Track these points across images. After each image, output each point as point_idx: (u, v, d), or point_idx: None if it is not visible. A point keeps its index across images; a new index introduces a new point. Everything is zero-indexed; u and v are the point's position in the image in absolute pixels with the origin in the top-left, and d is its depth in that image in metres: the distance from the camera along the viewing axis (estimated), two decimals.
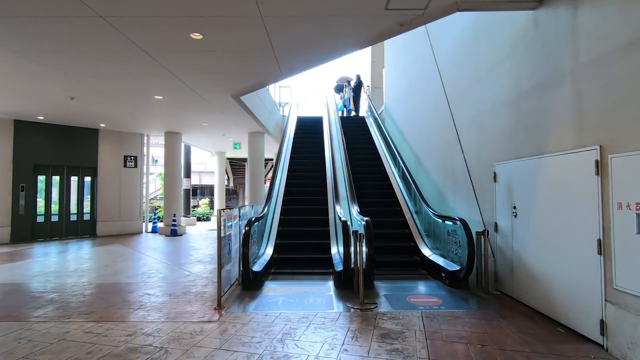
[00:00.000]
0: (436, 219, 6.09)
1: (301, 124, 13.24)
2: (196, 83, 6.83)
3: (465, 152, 5.95)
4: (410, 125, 9.60)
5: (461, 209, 6.14)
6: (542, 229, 3.96)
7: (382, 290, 4.93)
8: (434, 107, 7.54)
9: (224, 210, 4.38)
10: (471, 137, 5.75)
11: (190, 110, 9.13)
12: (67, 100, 7.97)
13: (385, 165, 9.71)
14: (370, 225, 4.89)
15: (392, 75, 11.92)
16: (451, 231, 5.43)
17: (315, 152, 10.91)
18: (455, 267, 5.11)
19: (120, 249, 8.88)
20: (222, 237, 4.30)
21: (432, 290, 4.99)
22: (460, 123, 6.23)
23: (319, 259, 6.34)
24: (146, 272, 6.26)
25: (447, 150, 6.78)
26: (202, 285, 5.32)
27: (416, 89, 8.92)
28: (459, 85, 6.26)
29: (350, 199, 6.71)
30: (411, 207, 7.73)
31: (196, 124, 11.06)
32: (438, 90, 7.21)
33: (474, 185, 5.64)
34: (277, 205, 7.85)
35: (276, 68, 5.96)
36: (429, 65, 7.80)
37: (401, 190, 8.39)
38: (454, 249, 5.34)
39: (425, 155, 8.22)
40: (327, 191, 8.60)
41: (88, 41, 4.88)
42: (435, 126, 7.45)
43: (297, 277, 5.70)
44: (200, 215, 20.00)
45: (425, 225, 6.92)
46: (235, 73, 6.26)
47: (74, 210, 11.39)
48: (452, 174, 6.58)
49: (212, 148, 17.84)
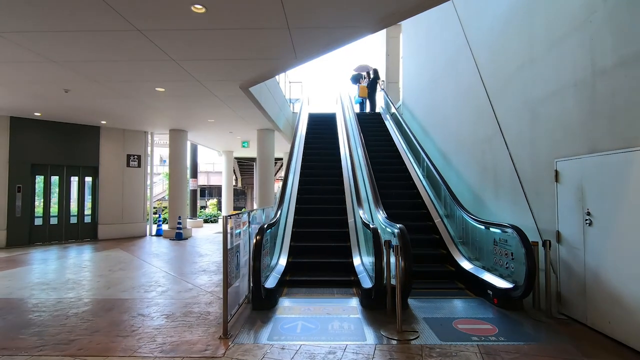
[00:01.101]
0: (476, 225, 5.24)
1: (313, 121, 12.46)
2: (200, 71, 6.09)
3: (512, 148, 5.09)
4: (434, 120, 8.74)
5: (505, 213, 5.29)
6: (633, 241, 3.10)
7: (419, 311, 4.11)
8: (467, 97, 6.68)
9: (231, 216, 3.61)
10: (520, 128, 4.89)
11: (195, 104, 8.41)
12: (61, 93, 7.30)
13: (407, 165, 8.87)
14: (405, 234, 4.07)
15: (412, 67, 11.06)
16: (499, 240, 4.58)
17: (330, 150, 10.12)
18: (507, 284, 4.26)
19: (120, 255, 8.20)
20: (229, 249, 3.53)
21: (479, 311, 4.15)
22: (503, 114, 5.37)
23: (339, 264, 5.59)
24: (144, 285, 5.53)
25: (486, 145, 5.92)
26: (205, 303, 4.56)
27: (442, 79, 8.06)
28: (502, 69, 5.41)
29: (374, 203, 5.90)
30: (440, 210, 6.88)
31: (202, 120, 10.35)
32: (472, 79, 6.36)
33: (523, 186, 4.79)
34: (290, 209, 7.08)
35: (291, 51, 5.18)
36: (460, 52, 6.95)
37: (427, 192, 7.54)
38: (503, 261, 4.49)
39: (454, 153, 7.36)
40: (344, 192, 7.80)
41: (77, 20, 4.16)
42: (469, 119, 6.59)
43: (316, 290, 4.93)
44: (207, 216, 19.36)
45: (458, 231, 6.07)
46: (243, 58, 5.49)
47: (74, 212, 10.77)
48: (492, 173, 5.72)
49: (220, 147, 17.17)
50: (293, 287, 5.09)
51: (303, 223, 6.80)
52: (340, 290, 4.99)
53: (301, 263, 5.65)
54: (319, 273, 5.42)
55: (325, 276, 5.30)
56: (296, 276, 5.31)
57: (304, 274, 5.37)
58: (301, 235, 6.45)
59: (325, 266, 5.62)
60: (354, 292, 4.89)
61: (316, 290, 4.97)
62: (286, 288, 5.06)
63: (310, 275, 5.31)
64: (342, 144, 10.17)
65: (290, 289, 5.01)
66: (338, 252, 5.94)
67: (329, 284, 5.12)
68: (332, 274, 5.38)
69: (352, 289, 5.05)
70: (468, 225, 5.62)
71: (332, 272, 5.46)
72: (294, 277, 5.29)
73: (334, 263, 5.65)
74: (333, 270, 5.54)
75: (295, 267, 5.58)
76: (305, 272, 5.47)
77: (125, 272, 6.42)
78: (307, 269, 5.55)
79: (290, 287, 5.08)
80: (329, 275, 5.32)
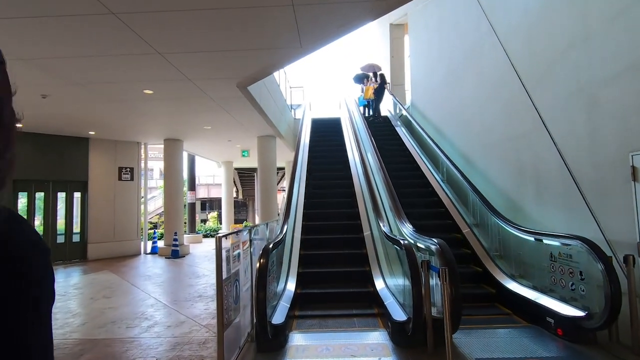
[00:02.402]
0: (521, 236, 4.39)
1: (317, 126, 11.70)
2: (191, 67, 5.34)
3: (561, 143, 4.28)
4: (451, 120, 7.96)
5: (553, 222, 4.45)
6: None
7: (468, 349, 3.24)
8: (494, 91, 5.91)
9: (226, 236, 2.78)
10: (572, 119, 4.09)
11: (188, 108, 7.66)
12: (39, 100, 6.56)
13: (424, 170, 8.05)
14: (448, 251, 3.24)
15: (421, 66, 10.35)
16: (559, 255, 3.73)
17: (337, 156, 9.32)
18: (576, 311, 3.40)
19: (108, 279, 7.34)
20: (225, 280, 2.70)
21: (545, 348, 3.28)
22: (546, 104, 4.58)
23: (358, 294, 4.67)
24: (128, 317, 4.67)
25: (521, 143, 5.12)
26: (199, 343, 3.70)
27: (460, 75, 7.31)
28: (542, 53, 4.64)
29: (396, 214, 5.07)
30: (468, 219, 6.04)
31: (198, 127, 9.59)
32: (500, 69, 5.60)
33: (581, 187, 3.96)
34: (296, 222, 6.23)
35: (295, 37, 4.42)
36: (483, 41, 6.20)
37: (450, 199, 6.70)
38: (566, 281, 3.64)
39: (479, 154, 6.55)
40: (356, 203, 6.95)
41: (38, 2, 3.43)
42: (497, 115, 5.80)
43: (333, 324, 4.05)
44: (207, 231, 18.50)
45: (494, 243, 5.22)
46: (240, 49, 4.74)
47: (61, 230, 9.94)
48: (532, 175, 4.90)
49: (218, 157, 16.41)
50: (305, 318, 4.22)
51: (312, 244, 5.88)
52: (362, 321, 4.12)
53: (312, 294, 4.77)
54: (334, 304, 4.54)
55: (342, 308, 4.40)
56: (307, 309, 4.42)
57: (317, 307, 4.49)
58: (310, 258, 5.55)
59: (341, 296, 4.73)
60: (380, 322, 4.02)
61: (332, 321, 4.11)
62: (296, 319, 4.20)
63: (324, 309, 4.40)
64: (350, 149, 9.38)
65: (302, 321, 4.15)
66: (356, 278, 5.06)
67: (348, 319, 4.25)
68: (350, 304, 4.47)
69: (377, 318, 4.19)
70: (508, 236, 4.77)
71: (350, 302, 4.55)
72: (304, 310, 4.40)
73: (353, 292, 4.76)
74: (352, 300, 4.62)
75: (305, 297, 4.69)
76: (318, 303, 4.59)
77: (110, 300, 5.57)
78: (320, 300, 4.67)
79: (301, 319, 4.22)
80: (346, 307, 4.42)
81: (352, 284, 4.89)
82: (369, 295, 4.54)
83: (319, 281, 4.99)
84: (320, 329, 3.89)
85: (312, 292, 4.72)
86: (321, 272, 5.13)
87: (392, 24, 13.73)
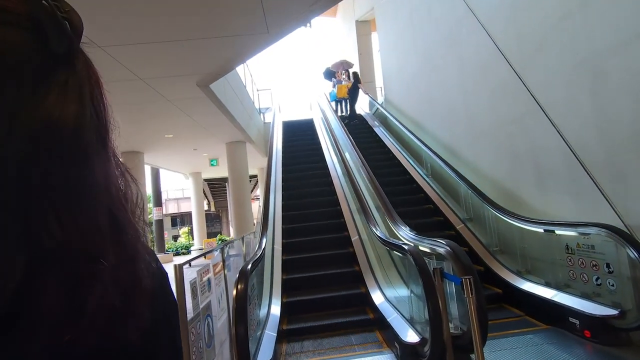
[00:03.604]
0: (529, 228, 3.99)
1: (289, 128, 11.09)
2: (141, 63, 4.60)
3: (561, 123, 3.93)
4: (432, 113, 7.61)
5: (560, 210, 4.08)
6: None
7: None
8: (479, 76, 5.57)
9: (189, 262, 2.12)
10: (573, 96, 3.74)
11: (144, 115, 6.83)
12: None
13: (406, 166, 7.64)
14: (462, 253, 2.73)
15: (393, 60, 10.02)
16: (577, 247, 3.33)
17: (313, 157, 8.76)
18: (606, 309, 2.98)
19: None
20: (192, 320, 2.02)
21: (574, 354, 2.85)
22: (540, 83, 4.24)
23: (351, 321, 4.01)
24: None
25: (514, 128, 4.78)
26: None
27: (439, 64, 6.97)
28: (532, 30, 4.30)
29: (387, 214, 4.56)
30: (460, 214, 5.64)
31: (158, 136, 8.71)
32: (484, 53, 5.26)
33: (589, 170, 3.60)
34: (275, 234, 5.55)
35: (262, 22, 3.82)
36: (461, 25, 5.88)
37: (438, 194, 6.30)
38: (588, 276, 3.23)
39: (466, 145, 6.20)
40: (339, 203, 6.38)
41: None
42: (484, 102, 5.45)
43: (327, 340, 3.46)
44: (178, 248, 17.34)
45: (492, 237, 4.82)
46: (198, 37, 4.07)
47: None
48: (530, 161, 4.54)
49: (185, 169, 15.39)
50: (295, 342, 3.59)
51: (296, 265, 5.22)
52: (359, 337, 3.55)
53: (300, 302, 4.15)
54: (326, 322, 3.93)
55: (339, 334, 3.81)
56: (296, 322, 3.80)
57: (307, 320, 3.88)
58: (293, 264, 4.93)
59: (330, 304, 4.13)
60: (381, 341, 3.46)
61: (327, 340, 3.51)
62: (285, 344, 3.56)
63: (316, 331, 3.78)
64: (326, 149, 8.85)
65: (292, 345, 3.51)
66: (344, 283, 4.49)
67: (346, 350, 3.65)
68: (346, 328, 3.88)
69: (375, 333, 3.64)
70: (510, 229, 4.38)
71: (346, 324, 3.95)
72: (292, 324, 3.78)
73: (343, 299, 4.19)
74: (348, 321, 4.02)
75: (292, 308, 4.06)
76: (307, 314, 3.98)
77: None
78: (309, 310, 4.06)
79: (291, 342, 3.58)
80: (344, 333, 3.83)
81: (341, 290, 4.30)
82: (363, 309, 3.97)
83: (309, 307, 4.29)
84: (316, 350, 3.28)
85: (300, 316, 4.09)
86: (310, 291, 4.50)
87: (357, 21, 13.42)
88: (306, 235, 5.62)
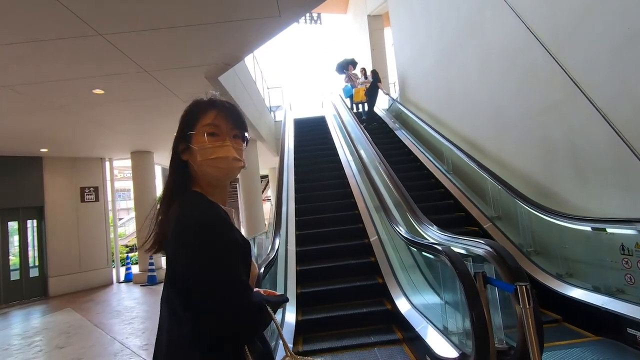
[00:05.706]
0: (572, 226, 3.57)
1: (301, 126, 10.82)
2: (146, 53, 4.34)
3: (607, 109, 3.51)
4: (451, 105, 7.21)
5: (603, 205, 3.66)
6: None
7: None
8: (506, 62, 5.15)
9: None
10: (623, 77, 3.33)
11: (151, 112, 6.61)
12: None
13: (424, 162, 7.26)
14: (507, 254, 2.36)
15: (408, 52, 9.63)
16: (635, 248, 2.92)
17: (327, 154, 8.43)
18: None
19: (67, 320, 6.13)
20: None
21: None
22: (580, 65, 3.82)
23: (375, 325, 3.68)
24: None
25: (549, 117, 4.36)
26: None
27: (459, 52, 6.56)
28: (566, 6, 3.90)
29: (410, 213, 4.19)
30: (487, 211, 5.23)
31: (168, 135, 8.49)
32: (512, 35, 4.85)
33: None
34: (288, 234, 5.22)
35: (274, 4, 3.51)
36: (484, 8, 5.48)
37: (461, 191, 5.89)
38: None
39: (491, 137, 5.78)
40: (356, 206, 5.97)
41: None
42: (514, 90, 5.03)
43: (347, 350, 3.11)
44: None
45: (526, 237, 4.40)
46: (206, 22, 3.78)
47: (15, 266, 8.59)
48: (568, 152, 4.12)
49: None
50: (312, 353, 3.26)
51: (308, 256, 4.87)
52: (384, 351, 3.20)
53: (318, 320, 3.78)
54: (346, 329, 3.59)
55: (357, 336, 3.47)
56: (314, 341, 3.45)
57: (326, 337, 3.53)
58: (309, 274, 4.56)
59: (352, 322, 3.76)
60: (408, 353, 3.10)
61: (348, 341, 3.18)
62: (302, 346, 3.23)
63: (335, 338, 3.45)
64: (340, 146, 8.53)
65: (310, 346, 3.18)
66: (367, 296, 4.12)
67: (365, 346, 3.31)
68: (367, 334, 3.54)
69: (402, 346, 3.28)
70: (548, 227, 3.95)
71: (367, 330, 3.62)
72: (311, 344, 3.43)
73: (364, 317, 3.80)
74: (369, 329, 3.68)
75: (309, 326, 3.70)
76: (326, 331, 3.63)
77: (62, 352, 4.42)
78: (328, 327, 3.70)
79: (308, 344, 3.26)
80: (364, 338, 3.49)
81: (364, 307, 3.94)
82: (388, 325, 3.61)
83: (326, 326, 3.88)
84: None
85: (316, 317, 3.75)
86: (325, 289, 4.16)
87: (370, 15, 13.05)
88: (322, 241, 5.23)
